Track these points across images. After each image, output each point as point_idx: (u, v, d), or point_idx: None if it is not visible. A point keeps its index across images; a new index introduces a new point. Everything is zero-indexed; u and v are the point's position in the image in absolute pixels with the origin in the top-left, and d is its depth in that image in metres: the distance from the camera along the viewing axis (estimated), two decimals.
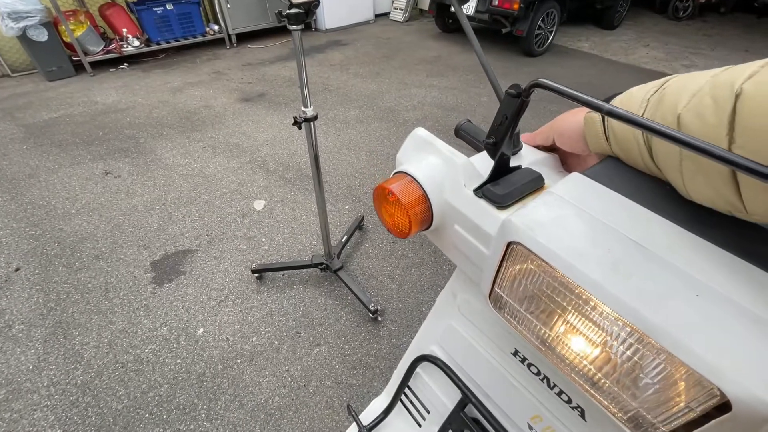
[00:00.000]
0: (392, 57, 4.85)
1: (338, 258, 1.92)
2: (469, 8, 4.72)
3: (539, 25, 4.62)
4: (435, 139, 0.54)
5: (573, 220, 0.38)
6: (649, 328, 0.31)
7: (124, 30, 4.39)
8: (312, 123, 1.39)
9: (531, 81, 0.41)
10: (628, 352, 0.34)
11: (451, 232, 0.52)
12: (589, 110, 0.50)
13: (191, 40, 4.83)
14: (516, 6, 4.27)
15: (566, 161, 0.58)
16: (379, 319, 1.77)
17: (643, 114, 0.41)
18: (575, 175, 0.44)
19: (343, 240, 2.03)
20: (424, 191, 0.49)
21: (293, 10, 1.14)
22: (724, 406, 0.28)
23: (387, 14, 6.60)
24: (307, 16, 1.17)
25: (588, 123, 0.47)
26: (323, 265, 1.87)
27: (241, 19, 5.00)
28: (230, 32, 5.00)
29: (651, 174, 0.43)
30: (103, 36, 4.39)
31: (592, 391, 0.39)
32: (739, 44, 5.57)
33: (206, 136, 3.15)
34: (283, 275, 1.96)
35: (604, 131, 0.45)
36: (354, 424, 0.80)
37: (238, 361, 1.61)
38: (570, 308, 0.38)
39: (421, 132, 0.56)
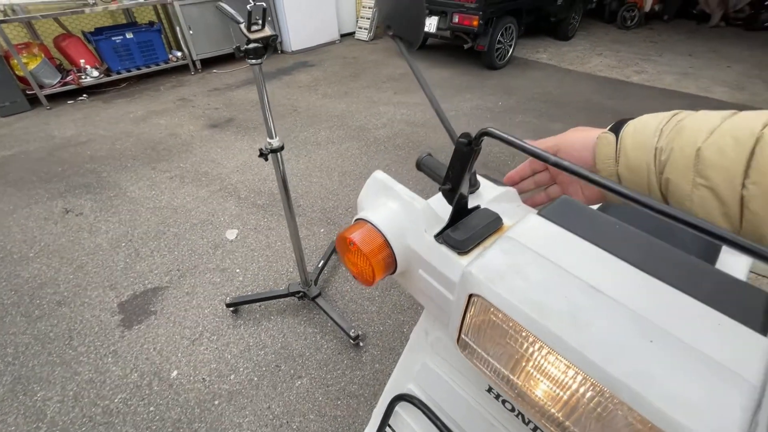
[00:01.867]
0: (359, 76, 4.91)
1: (315, 284, 1.89)
2: (431, 26, 4.86)
3: (499, 40, 4.80)
4: (394, 182, 0.54)
5: (531, 267, 0.39)
6: (608, 382, 0.31)
7: (82, 61, 4.26)
8: (279, 153, 1.38)
9: (480, 130, 0.42)
10: (592, 404, 0.34)
11: (416, 276, 0.52)
12: (604, 131, 0.53)
13: (154, 68, 4.74)
14: (475, 23, 4.44)
15: (557, 181, 0.61)
16: (361, 344, 1.74)
17: (657, 142, 0.45)
18: (532, 217, 0.45)
19: (319, 265, 2.01)
20: (385, 238, 0.49)
21: (252, 45, 1.14)
22: None
23: (352, 34, 6.71)
24: (266, 50, 1.17)
25: (601, 142, 0.51)
26: (300, 294, 1.83)
27: (204, 44, 4.96)
28: (194, 58, 4.95)
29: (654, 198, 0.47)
30: (59, 68, 4.25)
31: None
32: (683, 49, 5.96)
33: (173, 165, 3.07)
34: (259, 306, 1.91)
35: (616, 153, 0.49)
36: None
37: (216, 402, 1.54)
38: (534, 359, 0.38)
39: (379, 175, 0.56)
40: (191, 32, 4.76)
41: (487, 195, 0.56)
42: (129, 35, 4.43)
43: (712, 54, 5.69)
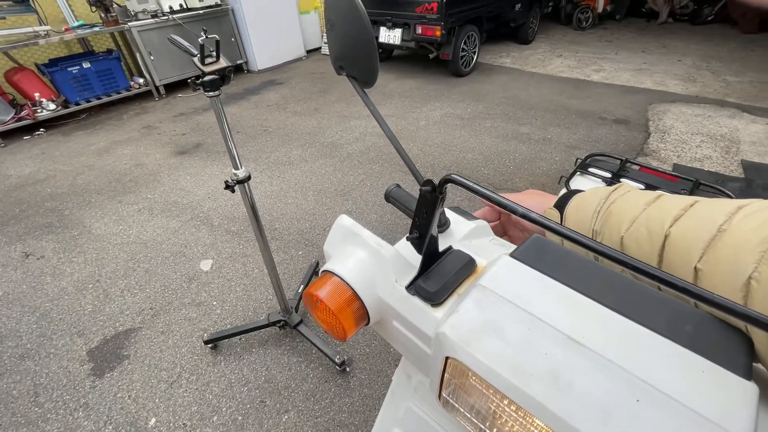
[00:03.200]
0: (329, 91, 4.91)
1: (296, 311, 1.84)
2: (395, 38, 4.92)
3: (463, 47, 4.91)
4: (360, 228, 0.52)
5: (507, 321, 0.37)
6: None
7: (36, 94, 4.09)
8: (246, 184, 1.34)
9: (443, 177, 0.40)
10: None
11: (391, 327, 0.50)
12: (551, 207, 0.54)
13: (115, 96, 4.60)
14: (438, 33, 4.52)
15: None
16: (347, 369, 1.70)
17: (594, 224, 0.47)
18: (505, 260, 0.44)
19: (299, 291, 1.96)
20: (354, 290, 0.47)
21: (207, 78, 1.11)
22: None
23: (318, 49, 6.72)
24: (223, 82, 1.14)
25: (548, 215, 0.53)
26: (281, 322, 1.78)
27: (167, 69, 4.85)
28: (157, 84, 4.83)
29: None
30: (12, 103, 4.07)
31: None
32: (637, 46, 6.25)
33: (141, 197, 2.96)
34: (240, 340, 1.84)
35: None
36: None
37: None
38: (516, 422, 0.36)
39: (345, 221, 0.54)
40: (152, 58, 4.66)
41: (459, 232, 0.55)
42: (86, 65, 4.29)
43: (663, 49, 5.99)
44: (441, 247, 0.50)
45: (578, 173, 1.53)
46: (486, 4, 5.09)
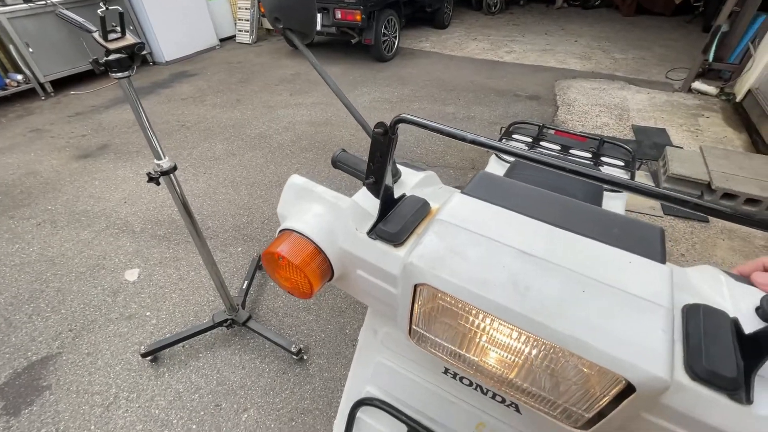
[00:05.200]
0: (249, 81, 4.65)
1: (243, 308, 1.76)
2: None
3: (384, 32, 4.94)
4: (313, 184, 0.52)
5: (466, 245, 0.40)
6: (557, 338, 0.33)
7: None
8: (172, 175, 1.23)
9: (395, 117, 0.41)
10: (545, 362, 0.37)
11: (355, 277, 0.50)
12: None
13: None
14: (358, 17, 4.49)
15: None
16: (305, 357, 1.67)
17: None
18: (457, 196, 0.47)
19: (244, 287, 1.86)
20: (315, 244, 0.46)
21: (113, 56, 0.98)
22: (629, 388, 0.32)
23: (233, 37, 6.30)
24: (132, 61, 1.02)
25: None
26: (228, 321, 1.68)
27: (52, 63, 4.21)
28: (42, 80, 4.17)
29: None
30: None
31: (524, 399, 0.41)
32: (540, 29, 6.81)
33: (38, 210, 2.57)
34: (183, 347, 1.71)
35: None
36: None
37: None
38: (486, 331, 0.39)
39: (297, 180, 0.53)
40: (31, 50, 4.00)
41: (410, 181, 0.57)
42: None
43: (562, 31, 6.61)
44: (395, 196, 0.52)
45: (504, 140, 1.64)
46: None
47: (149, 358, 1.64)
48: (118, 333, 1.78)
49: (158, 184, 1.21)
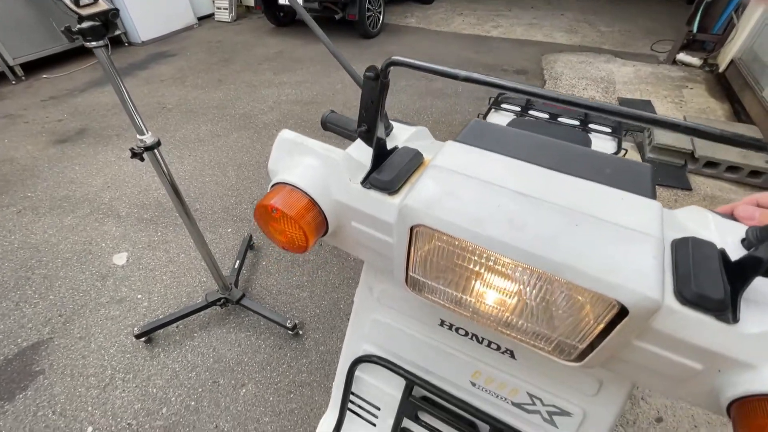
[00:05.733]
0: (231, 60, 4.51)
1: (236, 287, 1.75)
2: None
3: (368, 8, 4.81)
4: (305, 138, 0.51)
5: (462, 188, 0.40)
6: (552, 267, 0.34)
7: None
8: (156, 150, 1.20)
9: (386, 60, 0.40)
10: (541, 294, 0.37)
11: (350, 230, 0.50)
12: None
13: None
14: None
15: None
16: (300, 332, 1.68)
17: None
18: (450, 144, 0.47)
19: (236, 266, 1.86)
20: (310, 197, 0.46)
21: (86, 24, 0.94)
22: (622, 312, 0.33)
23: (211, 15, 6.07)
24: (107, 29, 0.98)
25: None
26: (222, 300, 1.68)
27: (21, 45, 4.00)
28: (11, 63, 3.97)
29: None
30: None
31: (519, 337, 0.42)
32: (526, 3, 6.71)
33: (17, 197, 2.49)
34: (177, 328, 1.71)
35: None
36: None
37: None
38: (482, 270, 0.40)
39: (287, 134, 0.52)
40: None
41: (402, 136, 0.56)
42: None
43: (549, 5, 6.52)
44: (388, 148, 0.51)
45: (493, 110, 1.63)
46: None
47: (143, 339, 1.64)
48: (110, 316, 1.77)
49: (142, 159, 1.18)
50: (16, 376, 1.55)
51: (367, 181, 0.47)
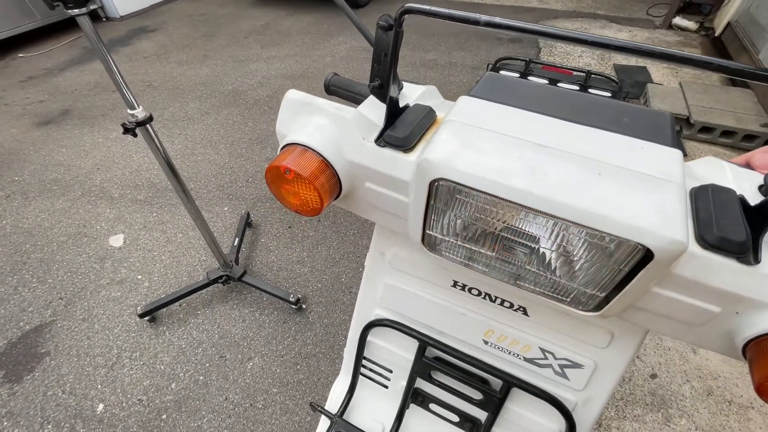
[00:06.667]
0: (215, 34, 4.34)
1: (237, 264, 1.75)
2: None
3: None
4: (313, 97, 0.49)
5: (480, 141, 0.39)
6: (578, 215, 0.34)
7: None
8: (149, 125, 1.17)
9: (400, 8, 0.39)
10: (562, 244, 0.37)
11: (364, 191, 0.49)
12: None
13: None
14: None
15: None
16: (304, 306, 1.70)
17: None
18: (463, 99, 0.45)
19: (235, 244, 1.85)
20: (323, 157, 0.45)
21: None
22: (646, 258, 0.33)
23: None
24: None
25: None
26: (223, 278, 1.68)
27: None
28: None
29: None
30: None
31: (537, 290, 0.43)
32: None
33: (5, 182, 2.43)
34: (180, 306, 1.72)
35: None
36: (323, 417, 0.77)
37: (164, 416, 1.39)
38: (503, 223, 0.39)
39: (294, 94, 0.50)
40: None
41: (411, 95, 0.55)
42: None
43: None
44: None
45: None
46: None
47: (147, 318, 1.64)
48: (111, 297, 1.76)
49: (135, 135, 1.14)
50: (21, 358, 1.56)
51: (381, 139, 0.45)
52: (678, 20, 3.98)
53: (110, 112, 3.05)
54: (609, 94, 1.50)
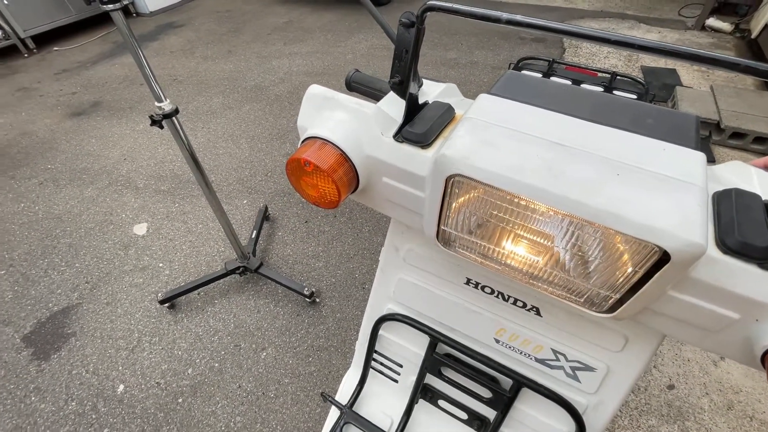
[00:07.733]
0: (240, 30, 4.42)
1: (254, 256, 1.79)
2: None
3: None
4: (334, 93, 0.50)
5: (498, 138, 0.40)
6: (593, 214, 0.34)
7: None
8: (175, 118, 1.20)
9: (422, 5, 0.39)
10: (577, 244, 0.37)
11: (381, 186, 0.50)
12: None
13: None
14: None
15: None
16: (317, 300, 1.73)
17: None
18: (483, 97, 0.46)
19: (253, 236, 1.89)
20: (342, 151, 0.46)
21: None
22: (662, 260, 0.33)
23: None
24: None
25: None
26: (240, 269, 1.72)
27: (32, 16, 3.97)
28: (22, 36, 3.96)
29: None
30: None
31: (550, 290, 0.43)
32: None
33: (39, 169, 2.54)
34: (198, 294, 1.77)
35: None
36: (333, 408, 0.78)
37: (180, 400, 1.44)
38: (518, 221, 0.39)
39: (316, 89, 0.51)
40: (6, 2, 3.76)
41: (431, 92, 0.55)
42: None
43: None
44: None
45: None
46: None
47: (167, 305, 1.70)
48: (134, 283, 1.83)
49: (161, 127, 1.18)
50: (50, 338, 1.64)
51: (400, 135, 0.46)
52: (712, 21, 3.83)
53: (137, 104, 3.15)
54: (635, 97, 1.46)
